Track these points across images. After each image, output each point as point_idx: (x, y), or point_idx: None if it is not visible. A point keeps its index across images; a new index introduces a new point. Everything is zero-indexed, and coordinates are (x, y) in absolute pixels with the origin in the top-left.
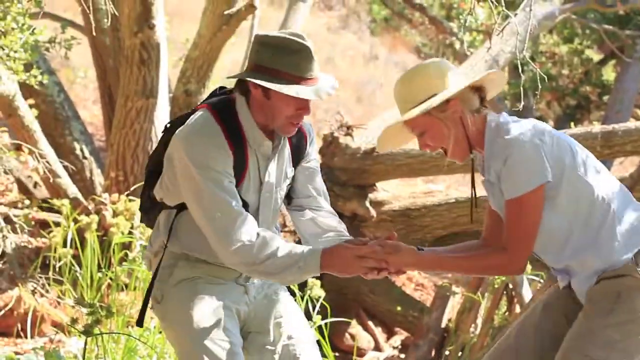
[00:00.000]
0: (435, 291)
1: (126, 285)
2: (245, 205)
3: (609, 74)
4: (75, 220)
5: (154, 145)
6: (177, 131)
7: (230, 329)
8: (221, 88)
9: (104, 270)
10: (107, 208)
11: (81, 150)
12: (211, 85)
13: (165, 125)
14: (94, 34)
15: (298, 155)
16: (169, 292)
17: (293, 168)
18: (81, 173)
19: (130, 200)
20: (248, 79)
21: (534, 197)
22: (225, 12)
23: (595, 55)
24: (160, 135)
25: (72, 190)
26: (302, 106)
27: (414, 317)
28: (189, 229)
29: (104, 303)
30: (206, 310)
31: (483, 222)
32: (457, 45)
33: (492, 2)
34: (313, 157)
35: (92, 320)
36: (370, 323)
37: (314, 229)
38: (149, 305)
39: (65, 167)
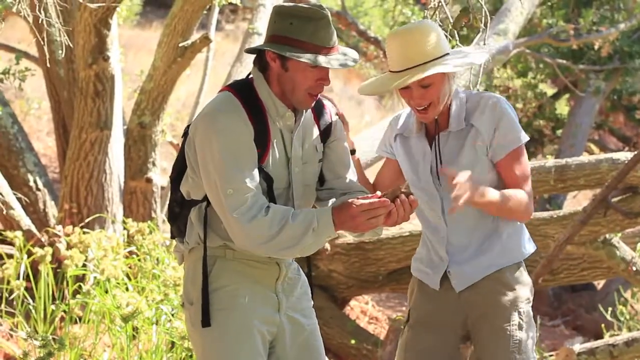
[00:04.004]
0: (389, 324)
1: (80, 318)
2: (270, 180)
3: (562, 108)
4: (29, 253)
5: (108, 177)
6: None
7: None
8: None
9: (57, 302)
10: (60, 240)
11: (35, 182)
12: (166, 117)
13: (185, 130)
14: (49, 65)
15: (326, 131)
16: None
17: (322, 144)
18: (35, 205)
19: (84, 233)
20: (265, 48)
21: (525, 150)
22: (180, 45)
23: (549, 90)
24: (115, 166)
25: (26, 222)
26: (322, 76)
27: (367, 350)
28: None
29: (57, 336)
30: (239, 342)
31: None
32: None
33: (447, 36)
34: (340, 134)
35: (45, 353)
36: None
37: None
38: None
39: (19, 199)
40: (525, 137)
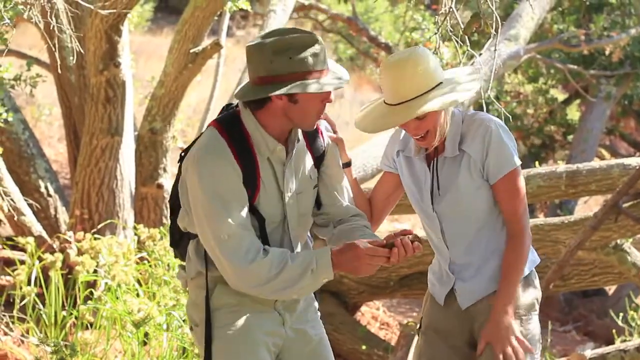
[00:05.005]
0: (400, 330)
1: (91, 324)
2: (262, 219)
3: (573, 113)
4: (40, 258)
5: (119, 183)
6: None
7: None
8: (228, 105)
9: (68, 308)
10: (71, 246)
11: (46, 188)
12: (177, 123)
13: (180, 154)
14: (60, 71)
15: (319, 157)
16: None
17: (316, 170)
18: (46, 211)
19: (95, 239)
20: (282, 94)
21: (520, 172)
22: (191, 51)
23: (560, 95)
24: (126, 172)
25: (37, 228)
26: (327, 96)
27: (378, 356)
28: None
29: (68, 342)
30: (244, 355)
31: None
32: None
33: (458, 42)
34: (334, 159)
35: (57, 359)
36: None
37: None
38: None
39: (30, 205)
40: (517, 161)
